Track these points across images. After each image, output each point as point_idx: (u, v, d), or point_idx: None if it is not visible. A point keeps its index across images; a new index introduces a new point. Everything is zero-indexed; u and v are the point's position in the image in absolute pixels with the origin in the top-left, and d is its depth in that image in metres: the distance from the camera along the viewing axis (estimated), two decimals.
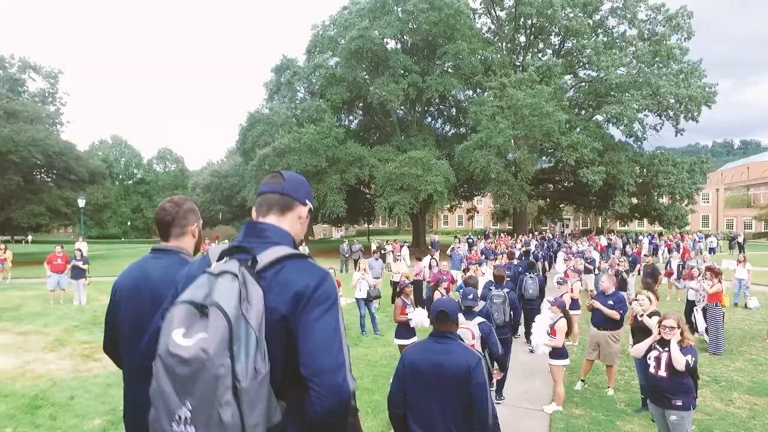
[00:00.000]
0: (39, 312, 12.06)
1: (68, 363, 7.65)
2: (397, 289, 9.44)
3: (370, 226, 57.43)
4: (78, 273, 13.44)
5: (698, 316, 8.98)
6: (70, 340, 9.20)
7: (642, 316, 5.70)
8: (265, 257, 1.33)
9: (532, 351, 9.59)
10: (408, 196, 26.01)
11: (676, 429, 4.21)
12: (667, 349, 4.28)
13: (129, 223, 74.02)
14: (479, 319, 4.66)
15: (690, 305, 10.09)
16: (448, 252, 17.05)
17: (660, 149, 35.91)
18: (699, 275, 9.79)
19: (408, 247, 23.75)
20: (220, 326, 1.15)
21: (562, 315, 6.05)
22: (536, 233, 36.36)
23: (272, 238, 1.43)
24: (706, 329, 8.85)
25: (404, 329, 6.61)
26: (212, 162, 67.21)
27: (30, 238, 48.94)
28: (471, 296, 5.04)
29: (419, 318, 6.36)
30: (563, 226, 60.61)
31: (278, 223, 1.49)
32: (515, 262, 11.95)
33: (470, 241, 25.12)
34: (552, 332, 6.05)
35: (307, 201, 1.59)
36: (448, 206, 38.17)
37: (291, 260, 1.36)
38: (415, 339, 6.84)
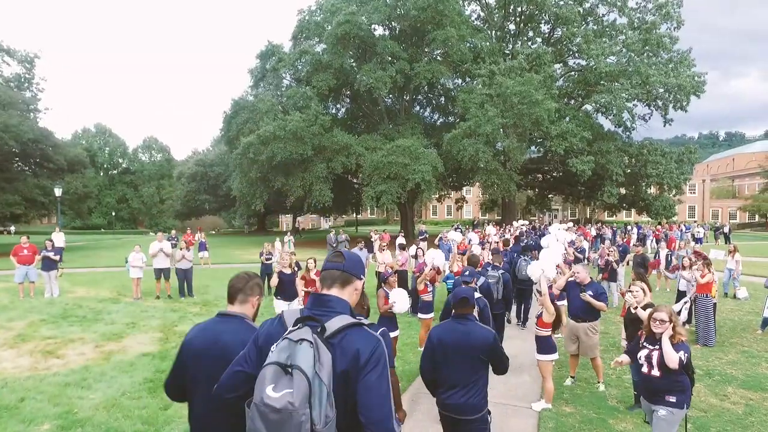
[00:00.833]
0: (6, 305, 11.50)
1: (26, 360, 7.15)
2: (381, 280, 9.07)
3: (359, 216, 57.00)
4: (49, 264, 12.86)
5: (681, 307, 8.76)
6: (34, 335, 8.69)
7: (636, 308, 5.38)
8: (332, 325, 1.68)
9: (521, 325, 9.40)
10: (395, 185, 25.56)
11: (660, 425, 3.86)
12: (658, 346, 3.94)
13: (114, 214, 72.64)
14: (477, 295, 5.15)
15: (681, 296, 9.85)
16: (436, 242, 16.70)
17: (648, 140, 35.87)
18: (691, 265, 9.52)
19: (403, 235, 23.36)
20: (302, 385, 1.50)
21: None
22: (525, 222, 36.19)
23: (335, 308, 1.78)
24: (696, 321, 8.62)
25: (386, 322, 6.20)
26: (198, 151, 65.95)
27: (12, 228, 47.67)
28: (468, 273, 5.63)
29: (401, 303, 5.96)
30: (552, 216, 60.72)
31: (339, 295, 1.84)
32: (509, 248, 12.09)
33: (458, 230, 24.79)
34: (539, 322, 5.71)
35: (361, 276, 1.94)
36: (437, 196, 37.86)
37: (352, 329, 1.70)
38: (397, 333, 6.46)
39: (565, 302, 9.18)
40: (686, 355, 3.84)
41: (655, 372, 3.89)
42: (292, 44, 34.24)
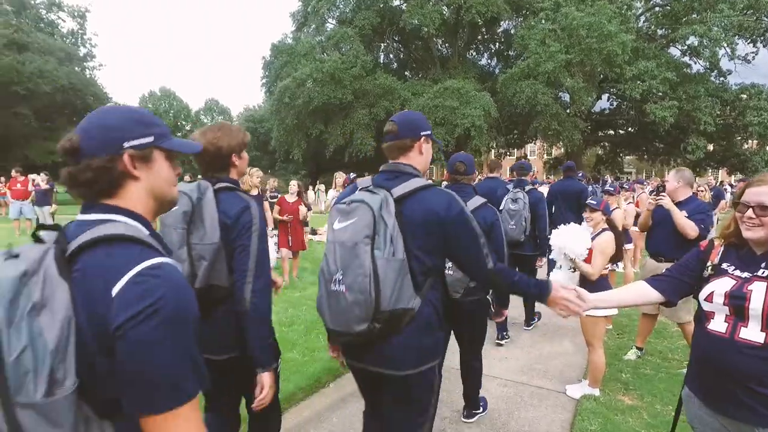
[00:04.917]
0: None
1: None
2: None
3: None
4: (42, 199, 11.87)
5: None
6: None
7: None
8: (400, 189, 1.86)
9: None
10: (442, 131, 22.94)
11: None
12: (764, 271, 1.58)
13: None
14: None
15: None
16: None
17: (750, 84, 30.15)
18: None
19: None
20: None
21: (606, 226, 3.35)
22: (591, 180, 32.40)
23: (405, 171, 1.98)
24: None
25: None
26: (249, 107, 65.84)
27: None
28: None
29: None
30: (625, 179, 55.31)
31: (406, 161, 1.95)
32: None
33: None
34: (589, 256, 3.34)
35: (422, 134, 1.95)
36: (497, 152, 34.73)
37: (423, 191, 1.87)
38: None
39: (630, 246, 6.75)
40: None
41: (755, 334, 1.54)
42: None
